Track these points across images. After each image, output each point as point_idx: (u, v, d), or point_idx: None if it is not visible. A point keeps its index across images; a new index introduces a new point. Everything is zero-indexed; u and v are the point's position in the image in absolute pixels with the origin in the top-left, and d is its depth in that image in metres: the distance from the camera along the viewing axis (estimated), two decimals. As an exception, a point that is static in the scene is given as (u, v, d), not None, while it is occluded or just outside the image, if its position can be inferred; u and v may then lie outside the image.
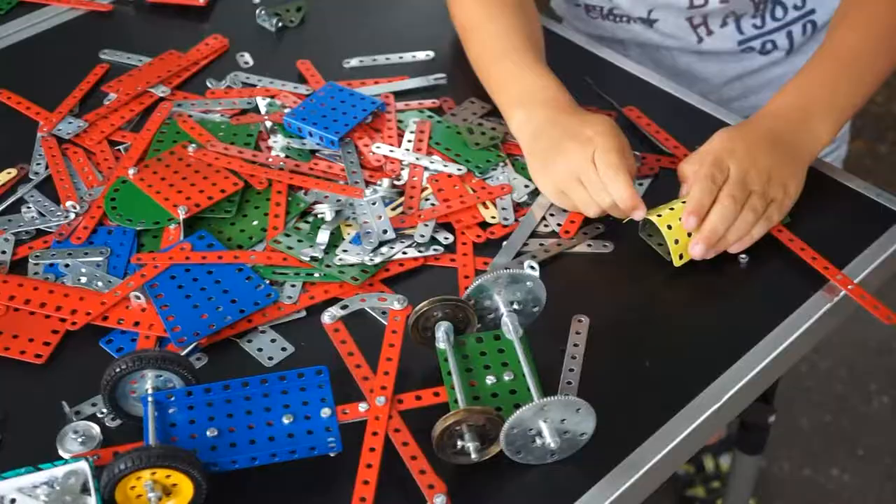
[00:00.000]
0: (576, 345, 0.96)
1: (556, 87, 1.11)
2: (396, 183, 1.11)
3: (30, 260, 1.03)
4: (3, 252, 1.04)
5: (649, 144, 1.17)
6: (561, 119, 1.07)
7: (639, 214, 1.02)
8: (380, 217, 1.05)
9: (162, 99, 1.23)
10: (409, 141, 1.16)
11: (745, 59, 1.39)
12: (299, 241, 1.05)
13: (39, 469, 0.83)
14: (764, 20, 1.35)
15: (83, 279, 1.01)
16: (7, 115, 1.22)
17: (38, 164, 1.15)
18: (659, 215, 1.02)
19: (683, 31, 1.36)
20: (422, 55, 1.30)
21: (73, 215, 1.07)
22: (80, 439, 0.88)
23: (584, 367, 0.94)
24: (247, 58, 1.30)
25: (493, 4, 1.21)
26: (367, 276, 1.01)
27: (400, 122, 1.19)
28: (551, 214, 1.08)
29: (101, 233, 1.06)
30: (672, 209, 1.02)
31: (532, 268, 0.95)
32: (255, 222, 1.07)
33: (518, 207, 1.09)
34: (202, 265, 1.02)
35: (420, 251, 1.04)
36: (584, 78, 1.24)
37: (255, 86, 1.25)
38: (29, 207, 1.09)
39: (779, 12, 1.35)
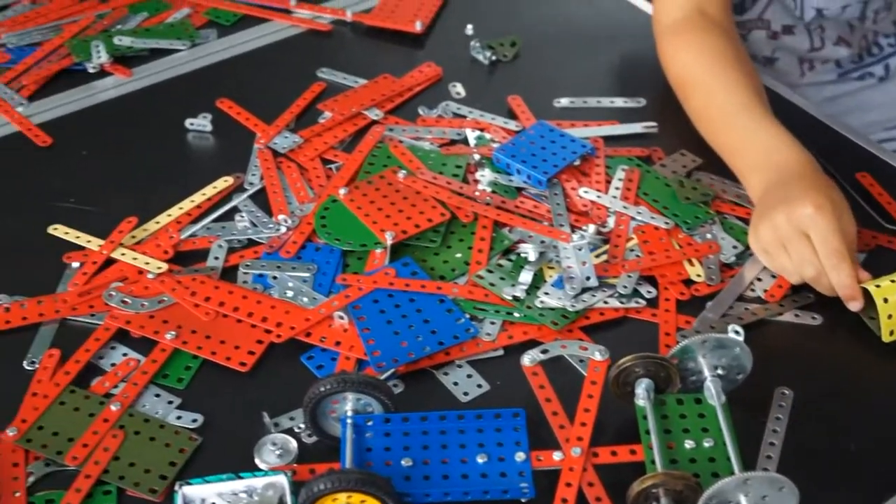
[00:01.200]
0: (778, 418, 0.93)
1: (790, 144, 1.08)
2: (602, 230, 1.10)
3: (240, 268, 1.06)
4: (217, 258, 1.08)
5: (863, 214, 1.13)
6: (789, 181, 1.04)
7: (855, 306, 0.99)
8: (584, 263, 1.04)
9: (375, 122, 1.25)
10: (617, 188, 1.15)
11: (841, 84, 1.45)
12: (501, 278, 1.05)
13: (240, 477, 0.85)
14: (862, 57, 1.42)
15: (289, 293, 1.03)
16: (227, 124, 1.26)
17: (254, 174, 1.18)
18: (878, 286, 0.99)
19: (792, 67, 1.42)
20: (633, 102, 1.29)
21: (283, 229, 1.10)
22: (277, 451, 0.89)
23: (786, 442, 0.91)
24: (459, 88, 1.31)
25: (713, 58, 1.20)
26: (567, 321, 1.01)
27: (608, 167, 1.18)
28: (759, 279, 1.06)
29: (310, 249, 1.09)
30: (893, 281, 0.99)
31: (737, 332, 0.93)
32: (459, 255, 1.08)
33: (724, 268, 1.07)
34: (405, 292, 1.03)
35: (622, 302, 1.03)
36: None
37: (465, 117, 1.26)
38: (242, 217, 1.12)
39: (875, 49, 1.42)
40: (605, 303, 1.03)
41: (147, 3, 1.45)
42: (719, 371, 0.93)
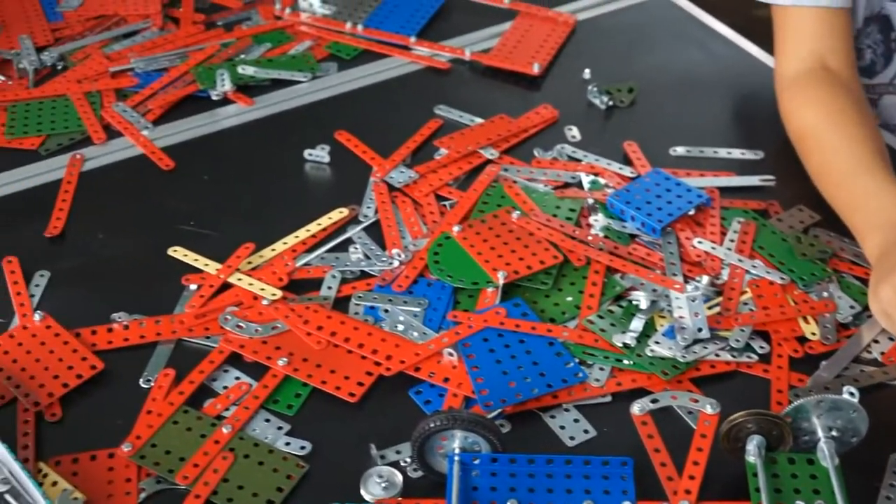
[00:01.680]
0: (892, 484, 0.91)
1: None
2: (716, 282, 1.09)
3: (352, 300, 1.08)
4: (330, 288, 1.09)
5: None
6: None
7: None
8: (697, 314, 1.03)
9: (490, 161, 1.26)
10: (732, 241, 1.14)
11: None
12: (612, 324, 1.04)
13: (347, 508, 0.86)
14: None
15: (400, 327, 1.04)
16: (344, 156, 1.28)
17: (369, 207, 1.20)
18: None
19: None
20: (750, 154, 1.28)
21: (396, 262, 1.11)
22: (383, 484, 0.90)
23: (900, 510, 0.89)
24: (574, 132, 1.31)
25: (835, 112, 1.18)
26: (677, 371, 1.00)
27: (723, 219, 1.17)
28: (876, 341, 1.04)
29: (421, 284, 1.09)
30: None
31: (852, 394, 0.91)
32: (570, 298, 1.08)
33: (841, 327, 1.05)
34: (514, 333, 1.03)
35: (733, 356, 1.02)
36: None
37: (580, 161, 1.26)
38: (356, 248, 1.14)
39: None
40: (717, 355, 1.02)
41: (271, 34, 1.48)
42: (833, 433, 0.91)
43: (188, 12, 1.52)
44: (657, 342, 1.02)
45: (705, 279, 1.08)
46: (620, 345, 1.02)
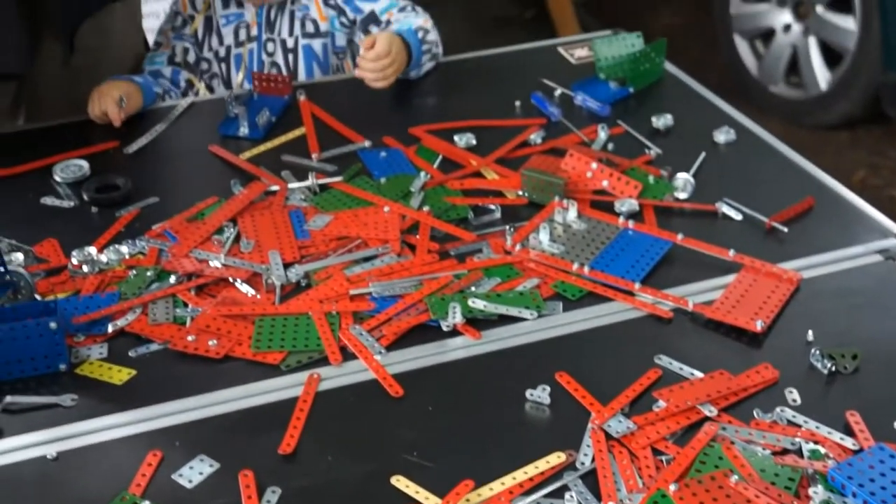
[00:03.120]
0: None
1: None
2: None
3: (566, 552, 1.09)
4: (544, 537, 1.11)
5: None
6: None
7: None
8: None
9: (708, 418, 1.27)
10: (961, 530, 1.11)
11: None
12: None
13: None
14: None
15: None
16: (564, 398, 1.31)
17: (586, 455, 1.22)
18: None
19: None
20: (981, 436, 1.25)
21: (611, 517, 1.13)
22: None
23: None
24: (795, 395, 1.31)
25: None
26: None
27: (952, 506, 1.14)
28: None
29: (635, 542, 1.10)
30: None
31: None
32: (786, 575, 1.07)
33: None
34: None
35: None
36: None
37: (800, 426, 1.26)
38: (571, 496, 1.16)
39: None
40: None
41: (500, 268, 1.55)
42: None
43: (424, 240, 1.61)
44: None
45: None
46: None
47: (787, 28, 4.10)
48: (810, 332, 1.41)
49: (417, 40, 2.02)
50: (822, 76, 4.04)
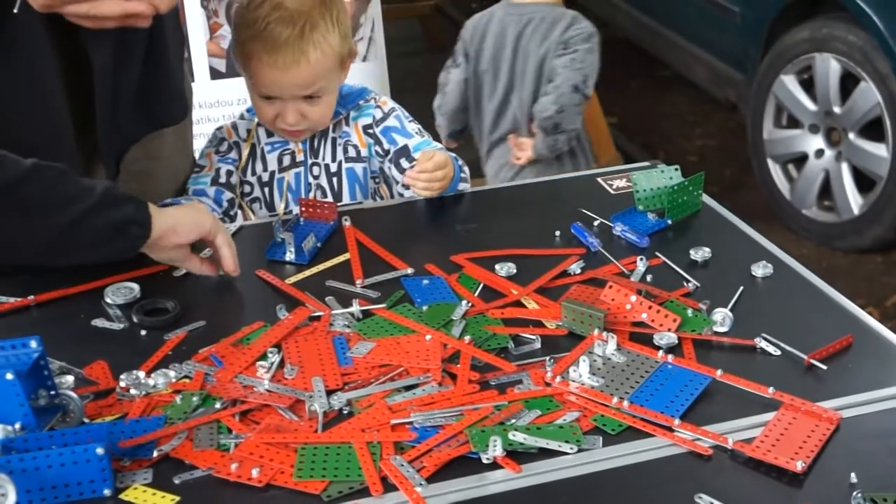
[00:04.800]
0: None
1: None
2: None
3: None
4: None
5: None
6: None
7: None
8: None
9: (750, 562, 1.27)
10: None
11: None
12: None
13: None
14: None
15: None
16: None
17: None
18: None
19: None
20: None
21: None
22: None
23: None
24: (837, 538, 1.32)
25: None
26: None
27: None
28: None
29: None
30: None
31: None
32: None
33: None
34: None
35: None
36: None
37: (842, 571, 1.26)
38: None
39: None
40: None
41: (540, 400, 1.57)
42: None
43: (465, 370, 1.63)
44: None
45: None
46: None
47: (820, 153, 4.16)
48: (853, 475, 1.40)
49: (458, 165, 2.11)
50: (855, 201, 4.08)
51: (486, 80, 3.34)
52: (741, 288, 1.81)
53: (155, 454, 1.46)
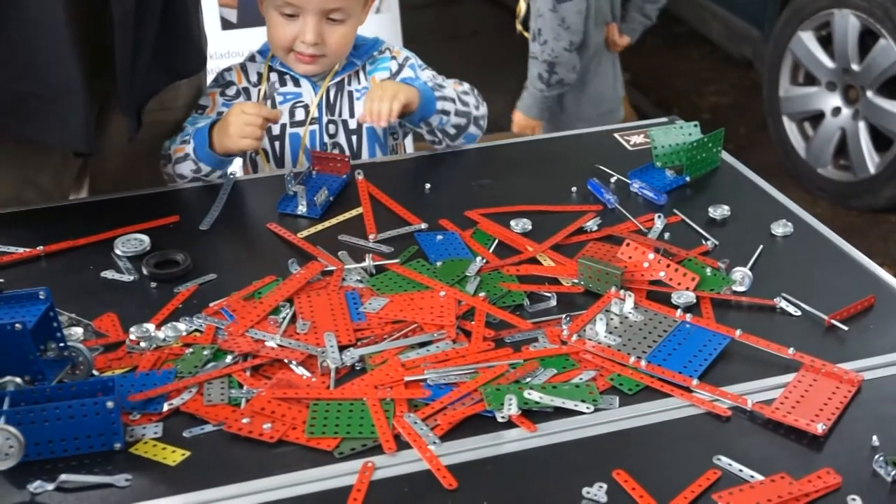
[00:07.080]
0: None
1: None
2: None
3: None
4: None
5: None
6: None
7: None
8: None
9: (769, 525, 1.25)
10: None
11: None
12: None
13: None
14: None
15: None
16: (622, 497, 1.30)
17: (644, 559, 1.21)
18: None
19: None
20: None
21: None
22: None
23: None
24: (858, 502, 1.29)
25: None
26: None
27: None
28: None
29: None
30: None
31: None
32: None
33: None
34: None
35: None
36: None
37: (863, 536, 1.24)
38: None
39: None
40: None
41: (556, 358, 1.54)
42: None
43: (480, 327, 1.60)
44: None
45: None
46: None
47: (837, 111, 4.11)
48: (875, 438, 1.38)
49: (428, 87, 2.05)
50: (871, 160, 4.04)
51: None
52: (761, 247, 1.78)
53: (165, 408, 1.44)
